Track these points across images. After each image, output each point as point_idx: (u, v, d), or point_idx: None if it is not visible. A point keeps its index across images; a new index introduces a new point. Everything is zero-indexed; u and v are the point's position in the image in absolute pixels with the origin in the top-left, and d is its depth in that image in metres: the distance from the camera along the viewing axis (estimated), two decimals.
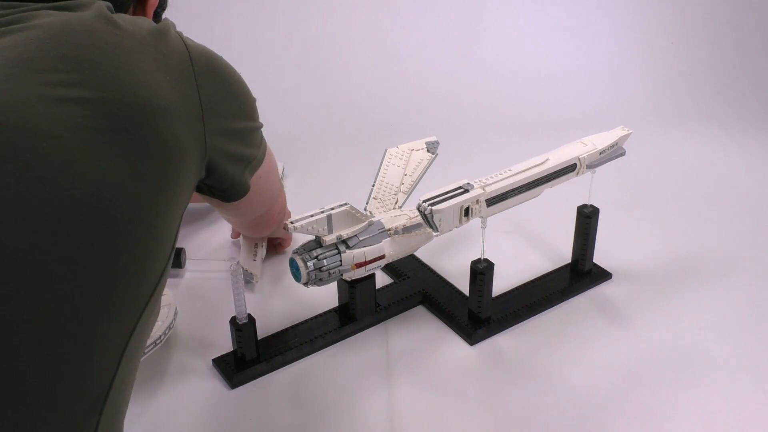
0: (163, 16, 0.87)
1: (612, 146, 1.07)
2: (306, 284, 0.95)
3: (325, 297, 1.09)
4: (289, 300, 1.13)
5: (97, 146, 0.59)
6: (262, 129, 0.87)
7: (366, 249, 0.96)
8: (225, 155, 0.76)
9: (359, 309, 1.05)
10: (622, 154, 1.09)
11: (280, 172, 1.45)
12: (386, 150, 1.12)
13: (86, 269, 0.57)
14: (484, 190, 0.96)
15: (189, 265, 1.19)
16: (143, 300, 0.64)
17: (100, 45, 0.63)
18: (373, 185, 1.08)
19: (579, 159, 1.03)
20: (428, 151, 1.13)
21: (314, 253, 0.94)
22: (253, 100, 0.82)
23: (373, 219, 0.99)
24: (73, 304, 0.56)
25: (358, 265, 0.97)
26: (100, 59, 0.62)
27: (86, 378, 0.58)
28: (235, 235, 1.25)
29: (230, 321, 0.97)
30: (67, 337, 0.56)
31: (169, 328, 0.98)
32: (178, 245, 1.16)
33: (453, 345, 1.04)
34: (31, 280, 0.54)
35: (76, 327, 0.56)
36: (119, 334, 0.61)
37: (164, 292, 1.04)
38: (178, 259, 1.17)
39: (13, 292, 0.53)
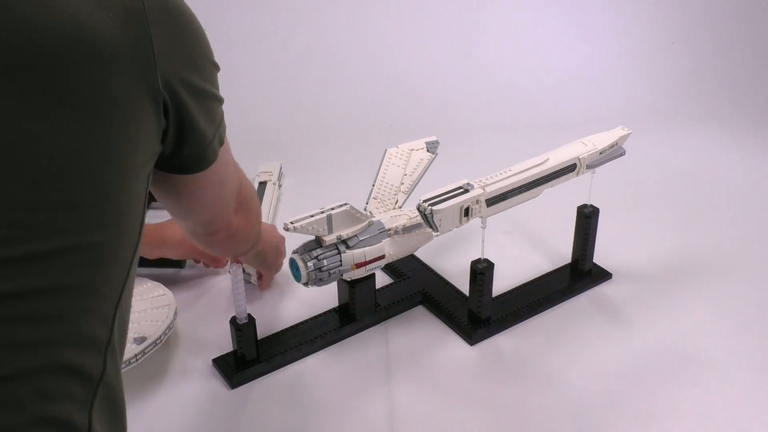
0: None
1: (612, 146, 1.07)
2: (306, 284, 0.95)
3: (325, 297, 1.09)
4: (289, 300, 1.13)
5: (43, 112, 0.52)
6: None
7: (366, 249, 0.96)
8: (176, 110, 0.63)
9: (359, 309, 1.05)
10: (622, 154, 1.09)
11: (277, 171, 1.45)
12: (386, 150, 1.12)
13: (57, 258, 0.53)
14: (484, 190, 0.96)
15: (189, 263, 1.20)
16: (117, 288, 0.59)
17: None
18: (373, 185, 1.08)
19: (579, 159, 1.03)
20: (428, 151, 1.13)
21: (314, 253, 0.94)
22: (215, 66, 0.69)
23: (373, 219, 0.99)
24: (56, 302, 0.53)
25: (358, 265, 0.97)
26: None
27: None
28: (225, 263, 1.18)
29: (230, 321, 0.97)
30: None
31: (169, 328, 0.98)
32: None
33: (453, 345, 1.04)
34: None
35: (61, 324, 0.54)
36: (103, 325, 0.58)
37: (164, 292, 1.04)
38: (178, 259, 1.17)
39: None
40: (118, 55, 0.55)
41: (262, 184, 1.40)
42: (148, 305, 1.02)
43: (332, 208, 0.93)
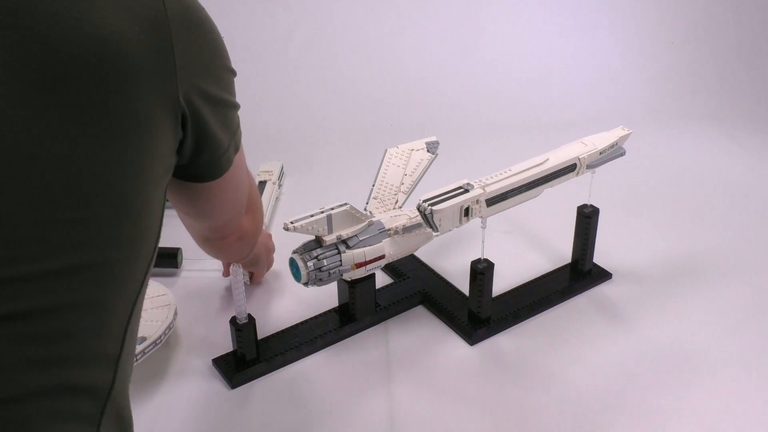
0: None
1: (612, 146, 1.07)
2: (306, 284, 0.95)
3: (325, 297, 1.09)
4: (289, 300, 1.13)
5: (64, 127, 0.51)
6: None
7: (366, 249, 0.96)
8: (195, 120, 0.63)
9: (359, 309, 1.05)
10: (622, 154, 1.09)
11: (278, 171, 1.45)
12: (386, 150, 1.12)
13: (76, 277, 0.52)
14: (484, 190, 0.96)
15: (186, 264, 1.20)
16: (130, 302, 0.58)
17: None
18: (373, 185, 1.08)
19: (579, 159, 1.03)
20: (428, 151, 1.13)
21: (314, 253, 0.94)
22: (232, 72, 0.69)
23: (373, 219, 0.99)
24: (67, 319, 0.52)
25: (358, 265, 0.97)
26: (51, 8, 0.50)
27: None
28: (226, 272, 1.16)
29: (230, 321, 0.97)
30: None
31: (169, 328, 0.98)
32: (174, 245, 1.17)
33: (453, 345, 1.04)
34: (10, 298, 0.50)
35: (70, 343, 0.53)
36: (114, 341, 0.57)
37: (164, 292, 1.04)
38: (174, 259, 1.17)
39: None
40: (142, 68, 0.54)
41: (262, 183, 1.40)
42: (148, 305, 1.02)
43: (332, 208, 0.93)
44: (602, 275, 1.16)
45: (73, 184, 0.52)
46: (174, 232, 0.94)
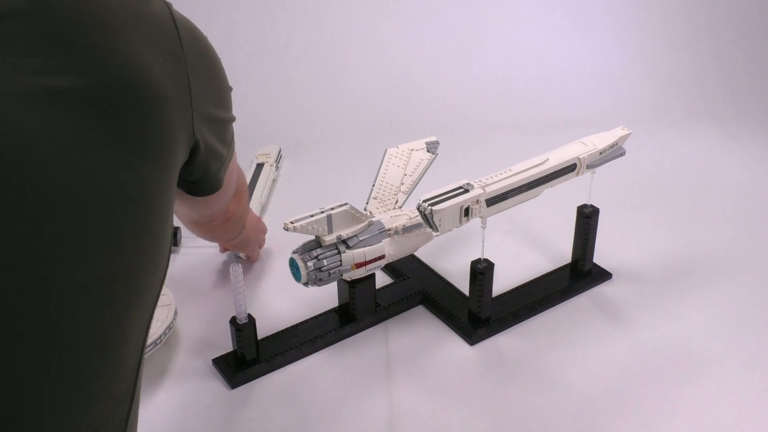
0: None
1: (612, 146, 1.07)
2: (306, 284, 0.95)
3: (325, 297, 1.09)
4: (289, 300, 1.13)
5: (100, 149, 0.53)
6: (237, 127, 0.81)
7: (366, 249, 0.96)
8: (204, 145, 0.68)
9: (359, 309, 1.05)
10: (622, 154, 1.09)
11: (275, 154, 1.48)
12: (386, 150, 1.12)
13: (104, 289, 0.54)
14: (484, 190, 0.96)
15: (184, 242, 1.21)
16: (148, 313, 0.60)
17: (89, 20, 0.53)
18: (373, 185, 1.08)
19: (579, 159, 1.03)
20: (428, 151, 1.13)
21: (314, 253, 0.94)
22: (230, 90, 0.75)
23: (373, 219, 0.99)
24: (93, 332, 0.54)
25: (358, 265, 0.97)
26: (91, 38, 0.53)
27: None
28: (222, 249, 1.22)
29: (230, 321, 0.97)
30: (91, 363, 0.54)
31: (169, 328, 0.98)
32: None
33: (453, 345, 1.04)
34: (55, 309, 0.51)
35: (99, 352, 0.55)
36: (135, 349, 0.59)
37: (164, 292, 1.05)
38: (174, 237, 1.18)
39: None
40: (169, 98, 0.58)
41: (260, 166, 1.44)
42: None
43: (332, 208, 0.93)
44: (602, 275, 1.16)
45: (105, 201, 0.54)
46: None
